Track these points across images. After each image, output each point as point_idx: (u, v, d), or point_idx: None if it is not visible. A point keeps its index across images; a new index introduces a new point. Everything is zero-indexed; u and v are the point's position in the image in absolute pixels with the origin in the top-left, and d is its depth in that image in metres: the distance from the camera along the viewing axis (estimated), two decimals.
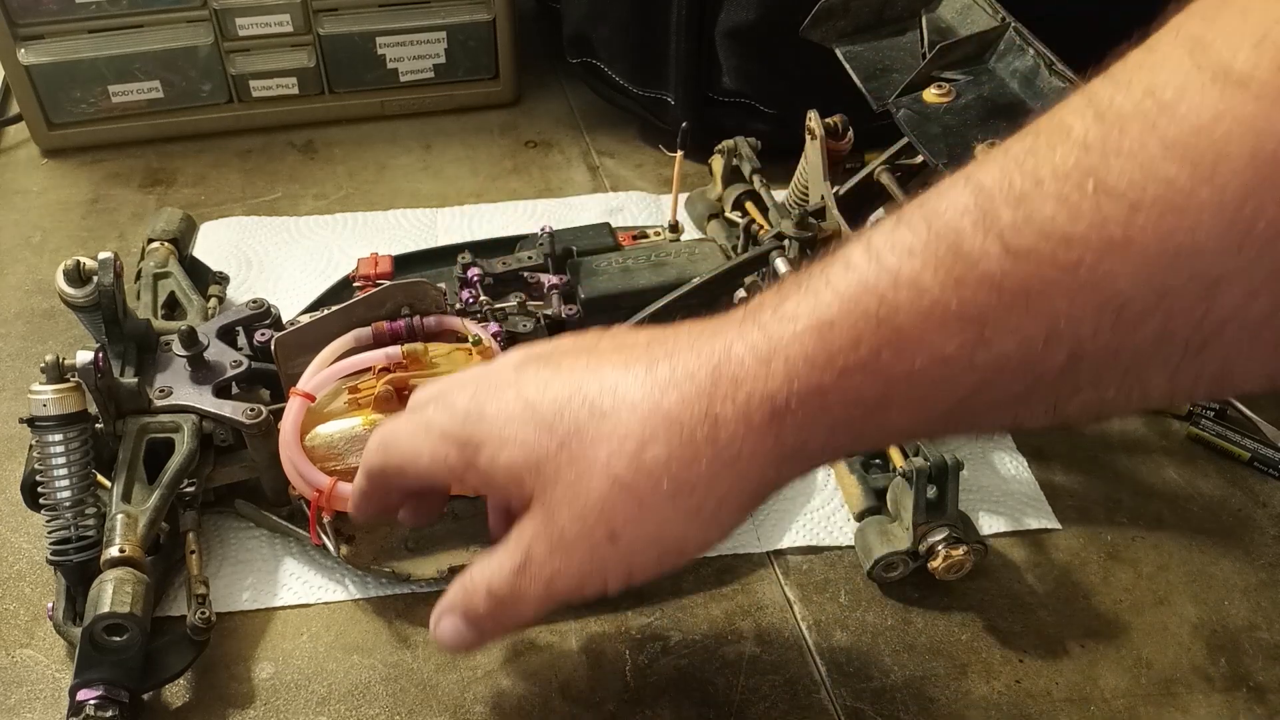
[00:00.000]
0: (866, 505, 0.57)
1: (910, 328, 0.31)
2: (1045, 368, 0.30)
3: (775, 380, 0.32)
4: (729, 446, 0.33)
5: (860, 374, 0.32)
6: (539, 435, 0.36)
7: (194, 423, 0.55)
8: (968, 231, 0.30)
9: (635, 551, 0.36)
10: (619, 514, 0.35)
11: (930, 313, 0.30)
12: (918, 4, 0.61)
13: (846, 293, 0.32)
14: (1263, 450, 0.63)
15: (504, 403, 0.37)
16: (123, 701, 0.47)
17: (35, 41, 0.82)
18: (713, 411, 0.33)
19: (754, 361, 0.33)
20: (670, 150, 0.71)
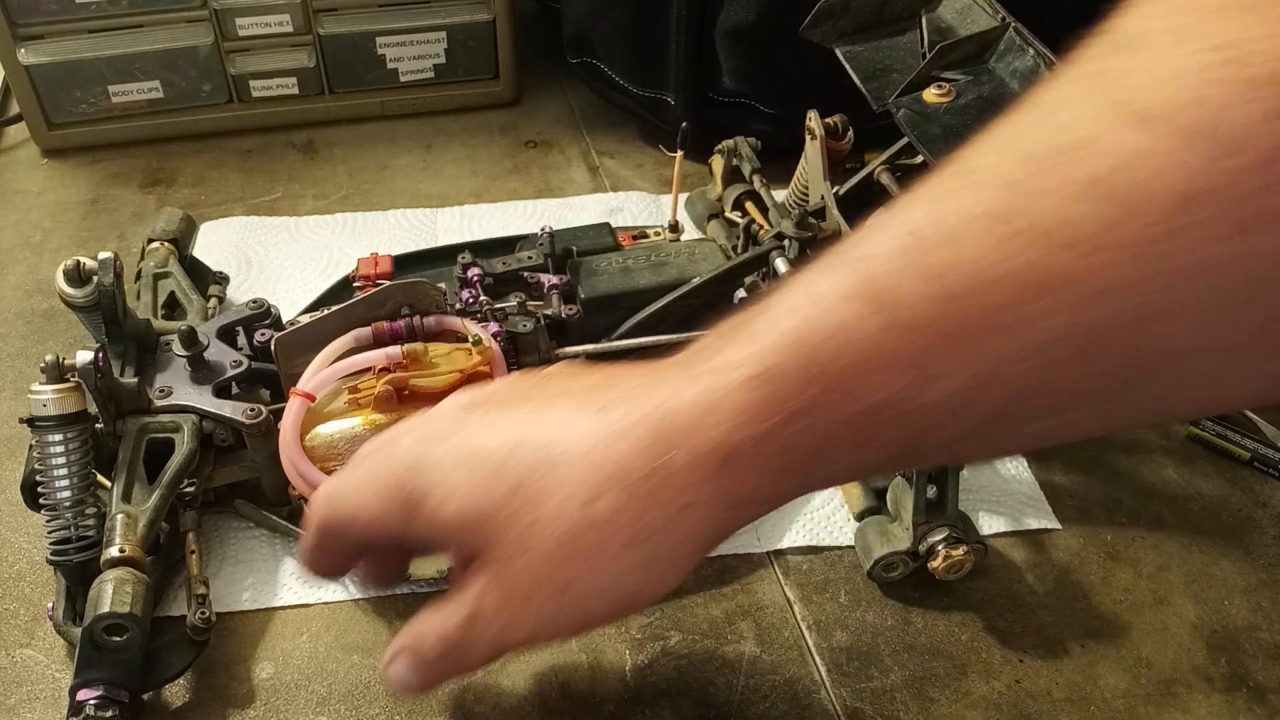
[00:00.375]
0: (866, 505, 0.57)
1: (849, 373, 0.31)
2: (985, 407, 0.30)
3: (722, 429, 0.32)
4: (680, 496, 0.33)
5: (803, 420, 0.31)
6: (488, 482, 0.35)
7: (194, 423, 0.55)
8: (895, 275, 0.30)
9: (589, 602, 0.35)
10: (572, 565, 0.34)
11: (867, 358, 0.30)
12: (918, 4, 0.61)
13: (785, 339, 0.32)
14: (1263, 450, 0.63)
15: (450, 449, 0.37)
16: (123, 701, 0.47)
17: (35, 41, 0.82)
18: (663, 461, 0.33)
19: (701, 410, 0.33)
20: (670, 150, 0.71)
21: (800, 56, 0.69)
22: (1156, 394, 0.29)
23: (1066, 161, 0.27)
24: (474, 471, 0.35)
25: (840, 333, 0.31)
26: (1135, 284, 0.27)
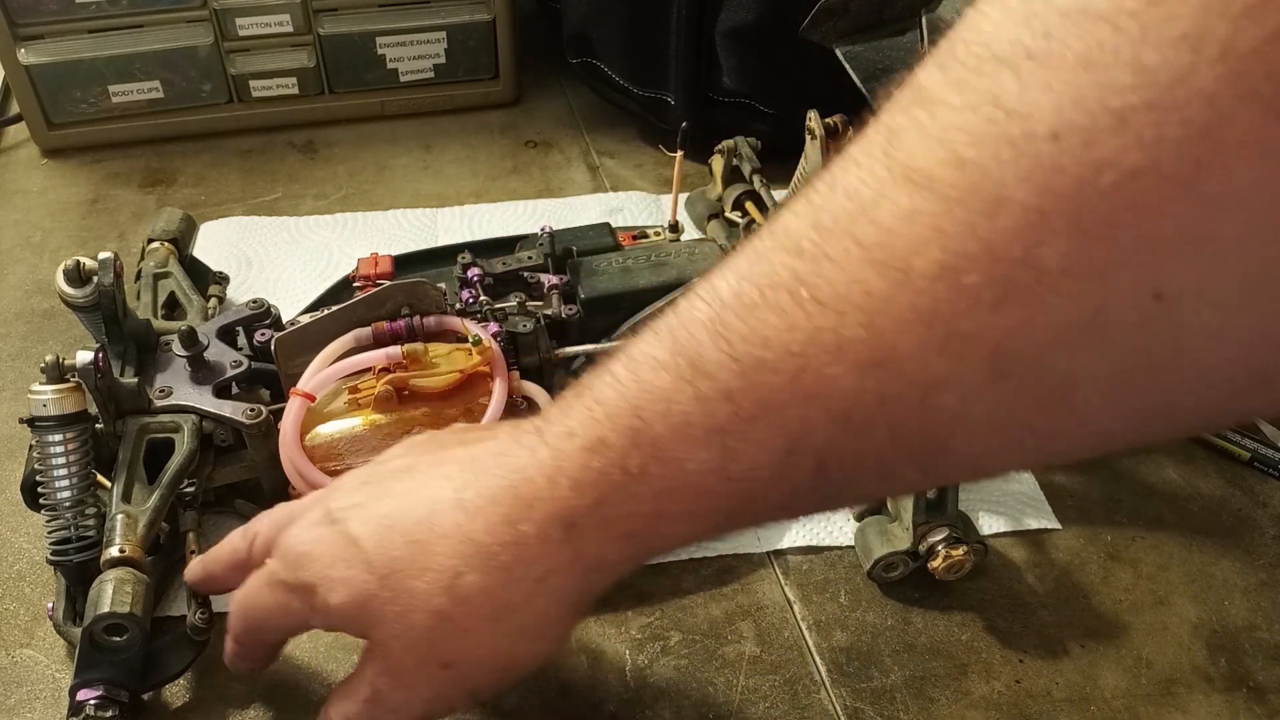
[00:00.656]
0: (866, 505, 0.57)
1: (665, 442, 0.31)
2: (798, 474, 0.30)
3: (562, 499, 0.33)
4: (534, 566, 0.34)
5: (633, 487, 0.32)
6: (360, 574, 0.36)
7: (194, 423, 0.55)
8: (705, 343, 0.30)
9: (471, 675, 0.37)
10: (446, 644, 0.36)
11: (681, 427, 0.31)
12: (918, 4, 0.61)
13: (611, 409, 0.32)
14: (1263, 450, 0.63)
15: (329, 543, 0.38)
16: (123, 701, 0.47)
17: (35, 41, 0.82)
18: (514, 535, 0.34)
19: (543, 481, 0.34)
20: (670, 150, 0.71)
21: (800, 56, 0.69)
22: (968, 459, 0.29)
23: (847, 226, 0.27)
24: (349, 564, 0.37)
25: (656, 402, 0.31)
26: (914, 355, 0.26)
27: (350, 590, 0.37)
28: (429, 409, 0.55)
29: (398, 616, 0.36)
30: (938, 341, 0.26)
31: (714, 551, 0.58)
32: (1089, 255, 0.23)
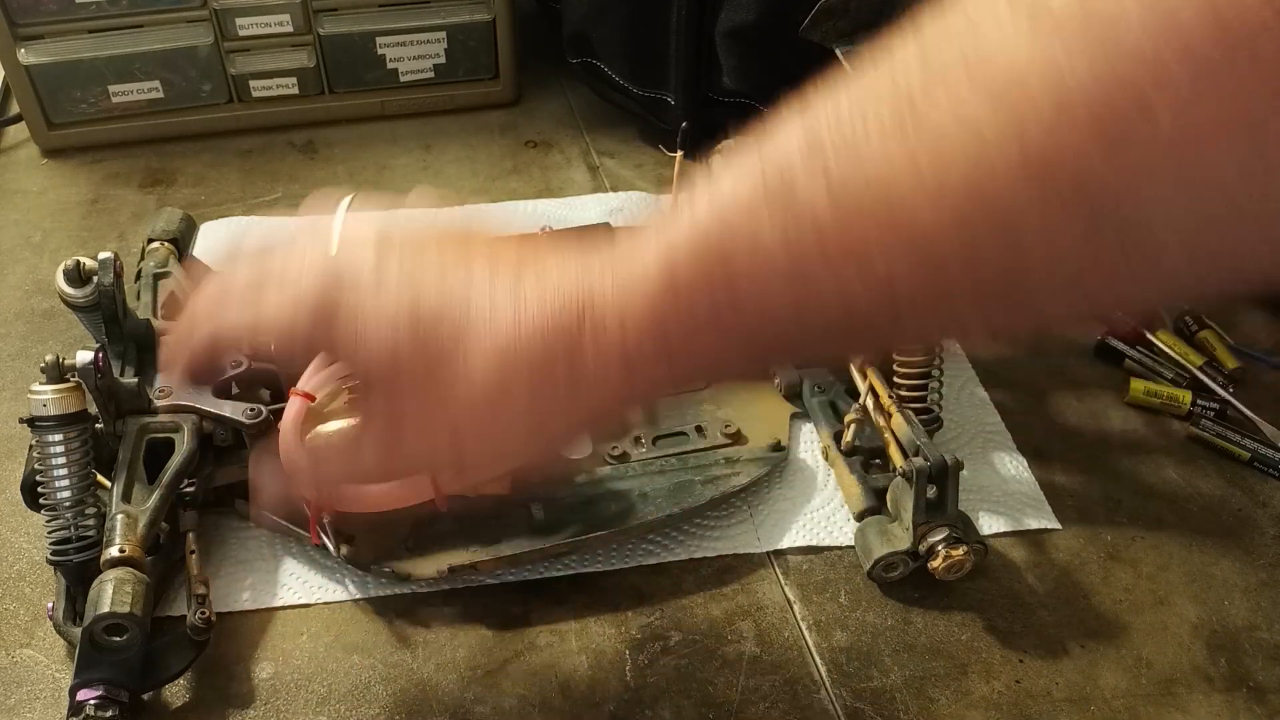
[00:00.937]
0: (866, 505, 0.57)
1: (744, 270, 0.31)
2: (865, 307, 0.31)
3: (626, 318, 0.33)
4: (582, 379, 0.34)
5: (699, 313, 0.32)
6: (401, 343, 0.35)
7: (194, 423, 0.55)
8: (799, 180, 0.30)
9: (471, 457, 0.37)
10: (469, 428, 0.36)
11: (762, 256, 0.31)
12: (918, 4, 0.61)
13: (691, 237, 0.32)
14: (1263, 450, 0.63)
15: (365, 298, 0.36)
16: (123, 701, 0.47)
17: (35, 41, 0.82)
18: (572, 345, 0.34)
19: (611, 299, 0.34)
20: (670, 150, 0.71)
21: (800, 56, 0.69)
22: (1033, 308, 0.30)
23: (961, 68, 0.27)
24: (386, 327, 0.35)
25: (739, 235, 0.31)
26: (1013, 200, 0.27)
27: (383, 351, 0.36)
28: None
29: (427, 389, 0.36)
30: (1036, 181, 0.26)
31: (714, 551, 0.58)
32: (1199, 106, 0.24)
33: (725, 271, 0.32)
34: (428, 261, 0.37)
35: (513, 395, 0.35)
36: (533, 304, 0.35)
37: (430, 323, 0.35)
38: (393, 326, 0.35)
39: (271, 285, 0.38)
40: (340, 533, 0.55)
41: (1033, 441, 0.64)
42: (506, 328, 0.35)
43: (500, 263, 0.36)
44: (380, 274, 0.36)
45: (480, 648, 0.53)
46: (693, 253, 0.32)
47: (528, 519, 0.56)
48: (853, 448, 0.60)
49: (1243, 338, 0.71)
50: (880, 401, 0.58)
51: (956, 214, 0.28)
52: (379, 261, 0.37)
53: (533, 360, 0.34)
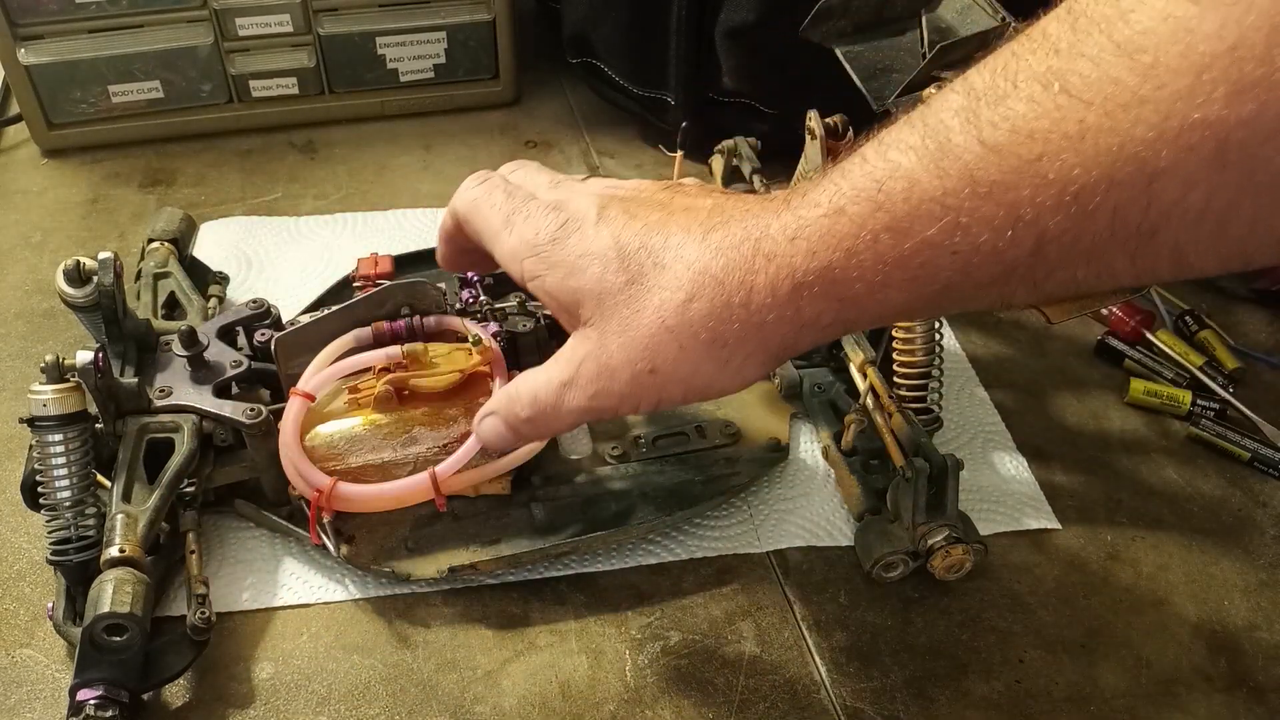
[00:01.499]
0: (866, 505, 0.57)
1: (902, 215, 0.35)
2: (1016, 251, 0.33)
3: (798, 258, 0.37)
4: (758, 313, 0.38)
5: (864, 255, 0.36)
6: (609, 273, 0.41)
7: (194, 423, 0.55)
8: (955, 129, 0.33)
9: (668, 385, 0.41)
10: (662, 353, 0.40)
11: (918, 202, 0.34)
12: (918, 4, 0.61)
13: (857, 183, 0.36)
14: (1263, 450, 0.63)
15: (584, 238, 0.42)
16: (123, 701, 0.47)
17: (35, 41, 0.82)
18: (748, 281, 0.38)
19: (784, 240, 0.38)
20: (670, 150, 0.71)
21: (800, 56, 0.69)
22: (1173, 248, 0.32)
23: (1105, 26, 0.30)
24: (599, 260, 0.41)
25: (899, 179, 0.35)
26: (1149, 144, 0.29)
27: (594, 281, 0.41)
28: (429, 409, 0.55)
29: (628, 317, 0.41)
30: (1173, 130, 0.29)
31: (714, 551, 0.58)
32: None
33: (884, 206, 0.35)
34: (634, 211, 0.43)
35: (697, 318, 0.39)
36: (717, 238, 0.39)
37: (634, 255, 0.41)
38: (603, 258, 0.41)
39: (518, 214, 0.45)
40: (340, 533, 0.55)
41: (1033, 441, 0.64)
42: (694, 257, 0.39)
43: (693, 212, 0.41)
44: (600, 220, 0.42)
45: (480, 648, 0.53)
46: (855, 187, 0.36)
47: (528, 519, 0.56)
48: (853, 448, 0.60)
49: (1243, 338, 0.71)
50: (880, 401, 0.58)
51: (1101, 165, 0.30)
52: (600, 211, 0.43)
53: (713, 283, 0.39)
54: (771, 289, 0.38)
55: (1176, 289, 0.74)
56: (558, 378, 0.43)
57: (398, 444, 0.54)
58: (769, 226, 0.38)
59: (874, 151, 0.36)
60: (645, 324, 0.40)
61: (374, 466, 0.54)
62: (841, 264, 0.36)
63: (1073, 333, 0.72)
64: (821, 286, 0.37)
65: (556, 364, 0.43)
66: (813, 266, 0.37)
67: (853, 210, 0.36)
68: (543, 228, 0.43)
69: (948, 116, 0.34)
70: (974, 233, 0.33)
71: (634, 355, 0.41)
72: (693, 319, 0.39)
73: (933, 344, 0.58)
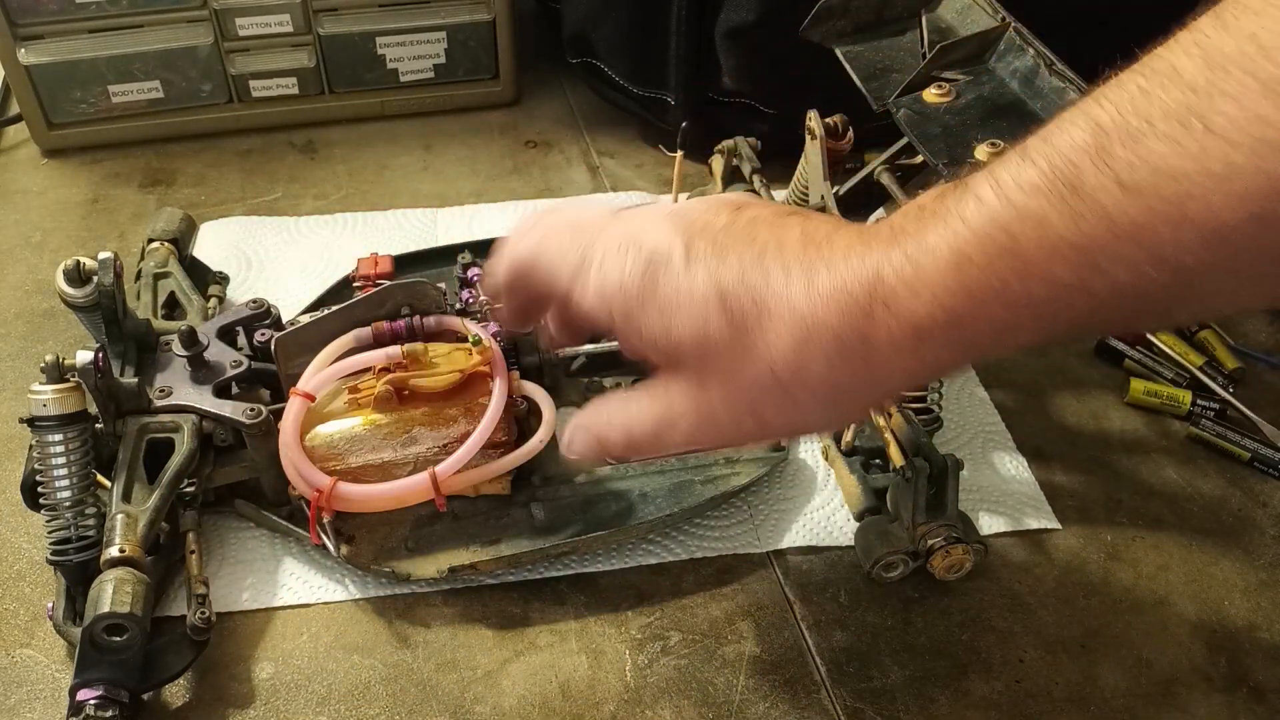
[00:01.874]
0: (866, 505, 0.57)
1: (1035, 259, 0.34)
2: (1153, 290, 0.33)
3: (921, 309, 0.36)
4: (877, 366, 0.37)
5: (992, 303, 0.35)
6: (711, 320, 0.39)
7: (194, 423, 0.55)
8: (1087, 169, 0.32)
9: (771, 429, 0.40)
10: (770, 404, 0.39)
11: (1053, 246, 0.33)
12: (918, 4, 0.61)
13: (979, 228, 0.34)
14: (1263, 450, 0.63)
15: (675, 278, 0.40)
16: (123, 701, 0.47)
17: (35, 41, 0.82)
18: (865, 331, 0.37)
19: (904, 290, 0.36)
20: (670, 150, 0.71)
21: (800, 56, 0.69)
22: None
23: (1247, 66, 0.30)
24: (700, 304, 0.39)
25: (1028, 222, 0.34)
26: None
27: (695, 326, 0.39)
28: (429, 409, 0.55)
29: (734, 365, 0.39)
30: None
31: (714, 551, 0.58)
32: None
33: (1014, 251, 0.34)
34: (724, 244, 0.40)
35: (811, 370, 0.38)
36: (823, 282, 0.37)
37: (736, 301, 0.38)
38: (704, 304, 0.39)
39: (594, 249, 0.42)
40: (340, 533, 0.55)
41: (1033, 441, 0.64)
42: (803, 305, 0.37)
43: (785, 248, 0.39)
44: (689, 258, 0.40)
45: (480, 648, 0.53)
46: (978, 233, 0.35)
47: (528, 519, 0.56)
48: (853, 448, 0.60)
49: (1243, 338, 0.71)
50: None
51: (1249, 206, 0.30)
52: (687, 247, 0.40)
53: (828, 335, 0.37)
54: (891, 340, 0.36)
55: None
56: (655, 416, 0.42)
57: (398, 444, 0.54)
58: (882, 271, 0.36)
59: (991, 191, 0.35)
60: (753, 376, 0.39)
61: (374, 466, 0.54)
62: (970, 313, 0.35)
63: None
64: (945, 335, 0.36)
65: (654, 402, 0.42)
66: (937, 318, 0.36)
67: (979, 258, 0.35)
68: (628, 267, 0.40)
69: (1075, 155, 0.33)
70: (1111, 274, 0.33)
71: (740, 406, 0.40)
72: (807, 373, 0.38)
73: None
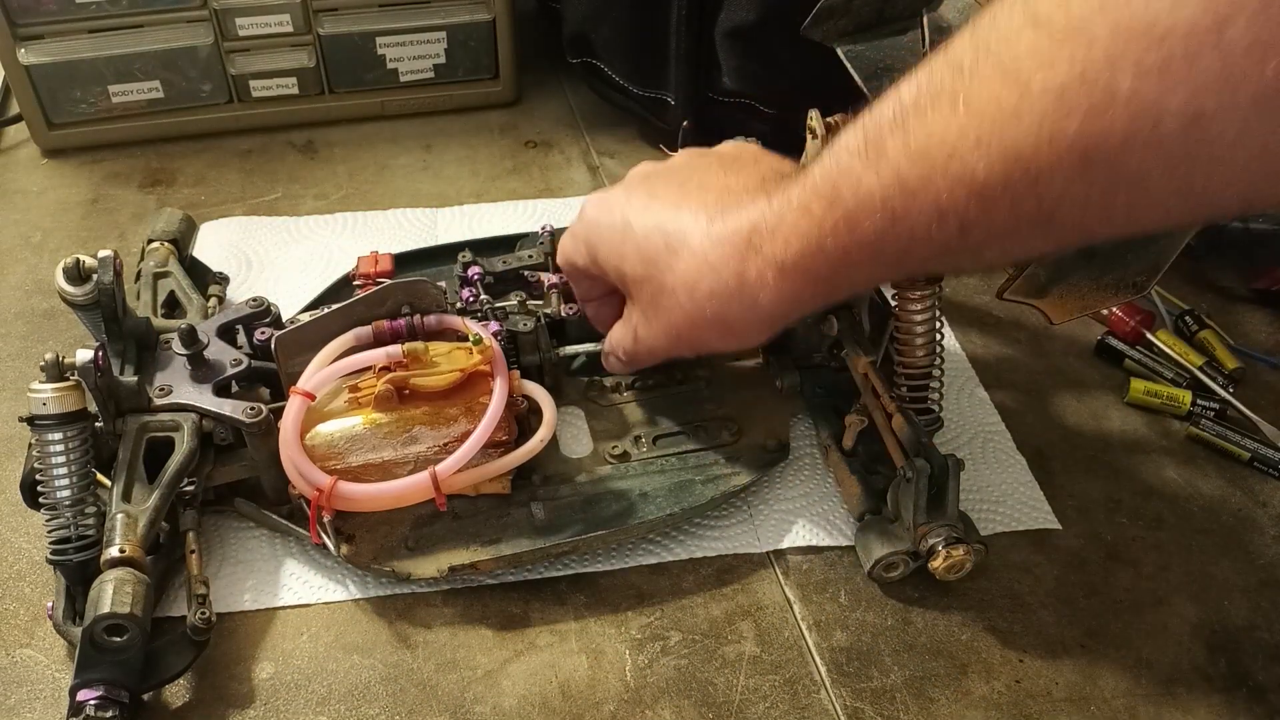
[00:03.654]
0: (866, 505, 0.57)
1: (853, 209, 0.42)
2: (946, 236, 0.40)
3: (780, 248, 0.45)
4: (751, 294, 0.47)
5: (827, 243, 0.43)
6: (633, 257, 0.51)
7: (194, 421, 0.55)
8: (888, 137, 0.40)
9: (694, 342, 0.52)
10: (682, 326, 0.51)
11: (866, 199, 0.41)
12: (919, 3, 0.61)
13: (818, 183, 0.43)
14: (1263, 450, 0.63)
15: (613, 222, 0.53)
16: (123, 701, 0.47)
17: (35, 41, 0.82)
18: (742, 268, 0.47)
19: (769, 232, 0.46)
20: (670, 150, 0.71)
21: (800, 56, 0.69)
22: (1073, 228, 0.38)
23: (992, 57, 0.36)
24: (625, 244, 0.52)
25: (848, 180, 0.42)
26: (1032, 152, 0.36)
27: (625, 264, 0.52)
28: (429, 408, 0.55)
29: (651, 295, 0.51)
30: (1045, 140, 0.35)
31: (714, 551, 0.58)
32: (1149, 84, 0.32)
33: (839, 202, 0.42)
34: (654, 190, 0.52)
35: (706, 302, 0.48)
36: (718, 229, 0.48)
37: (651, 244, 0.50)
38: (635, 244, 0.51)
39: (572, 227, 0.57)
40: (340, 533, 0.55)
41: (1033, 441, 0.64)
42: (700, 247, 0.48)
43: (705, 199, 0.49)
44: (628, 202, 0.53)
45: (480, 648, 0.53)
46: (817, 187, 0.43)
47: (528, 518, 0.56)
48: (853, 448, 0.60)
49: (1243, 338, 0.71)
50: (880, 401, 0.58)
51: (994, 169, 0.37)
52: (627, 190, 0.54)
53: (715, 273, 0.47)
54: (759, 276, 0.46)
55: (1176, 289, 0.74)
56: (628, 339, 0.55)
57: (398, 443, 0.54)
58: (759, 220, 0.46)
59: (830, 156, 0.43)
60: (668, 304, 0.50)
61: (374, 465, 0.54)
62: (813, 252, 0.44)
63: (1073, 333, 0.72)
64: (799, 271, 0.45)
65: (626, 326, 0.55)
66: (790, 255, 0.45)
67: (816, 207, 0.43)
68: (586, 218, 0.55)
69: (882, 126, 0.41)
70: (909, 221, 0.40)
71: (666, 330, 0.51)
72: (700, 301, 0.48)
73: (933, 344, 0.58)
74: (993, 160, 0.37)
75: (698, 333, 0.50)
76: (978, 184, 0.38)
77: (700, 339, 0.51)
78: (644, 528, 0.57)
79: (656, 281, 0.50)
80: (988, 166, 0.37)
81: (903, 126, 0.40)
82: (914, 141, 0.39)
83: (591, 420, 0.62)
